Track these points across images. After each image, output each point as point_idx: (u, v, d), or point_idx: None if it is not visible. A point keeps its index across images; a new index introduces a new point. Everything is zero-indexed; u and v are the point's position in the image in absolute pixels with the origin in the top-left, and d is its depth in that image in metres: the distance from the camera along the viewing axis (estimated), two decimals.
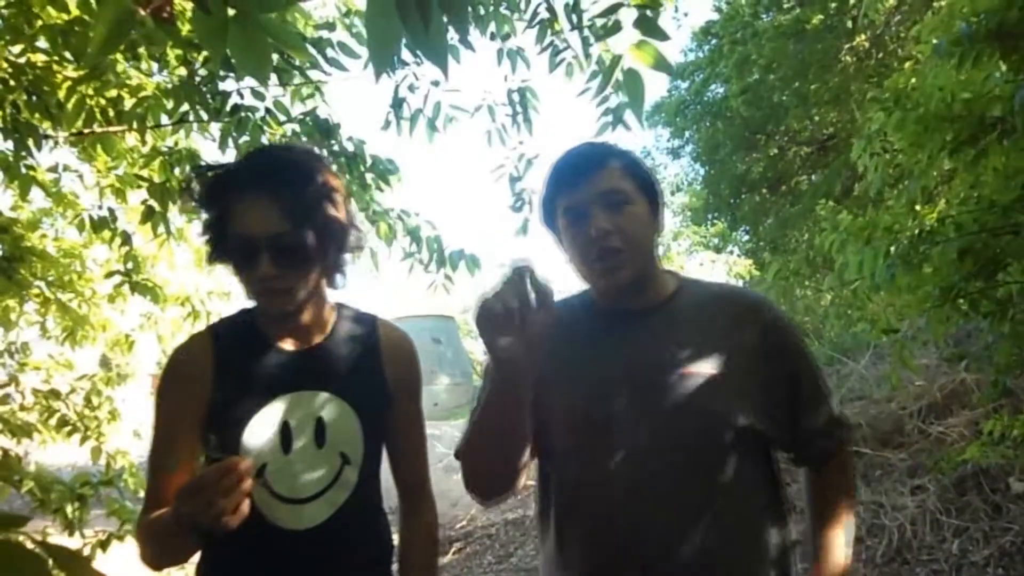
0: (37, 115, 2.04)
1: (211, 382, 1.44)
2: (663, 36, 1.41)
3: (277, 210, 1.38)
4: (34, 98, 1.96)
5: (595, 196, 1.35)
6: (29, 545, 0.62)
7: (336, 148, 2.47)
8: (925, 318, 2.47)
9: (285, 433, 1.40)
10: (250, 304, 1.52)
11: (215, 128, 2.53)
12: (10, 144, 2.12)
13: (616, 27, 1.56)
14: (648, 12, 1.41)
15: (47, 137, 2.18)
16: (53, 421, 3.14)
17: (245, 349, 1.49)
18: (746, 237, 16.13)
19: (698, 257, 15.07)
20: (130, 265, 2.83)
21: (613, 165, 1.38)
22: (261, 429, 1.39)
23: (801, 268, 8.33)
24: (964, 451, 4.55)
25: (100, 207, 2.78)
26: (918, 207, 2.45)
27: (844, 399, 7.27)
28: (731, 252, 13.01)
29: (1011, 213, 2.04)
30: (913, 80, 2.68)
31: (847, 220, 2.58)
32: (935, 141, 2.28)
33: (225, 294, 3.88)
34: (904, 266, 2.16)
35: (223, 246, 1.44)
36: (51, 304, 3.11)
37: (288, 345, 1.50)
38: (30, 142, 2.00)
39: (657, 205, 1.43)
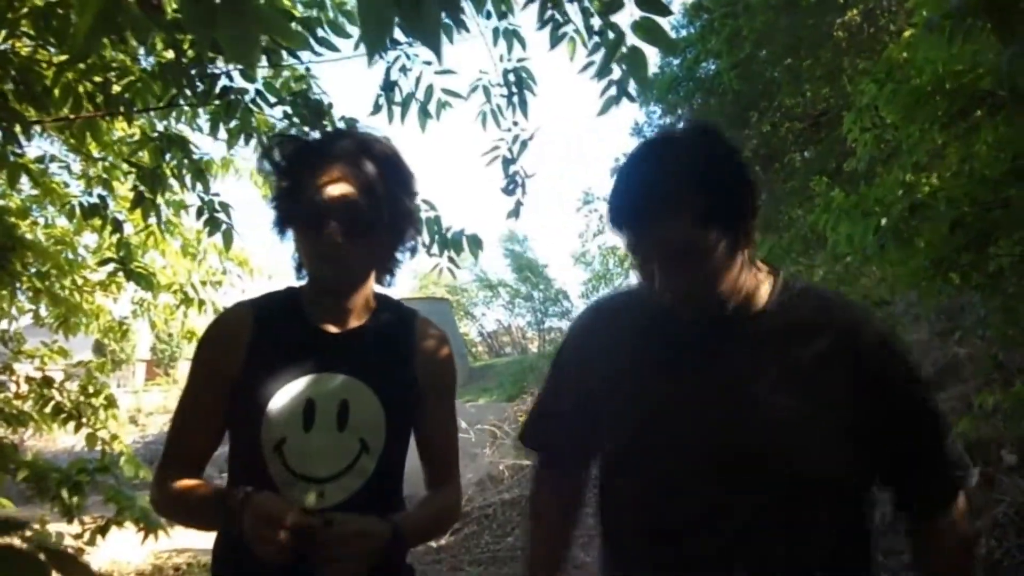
0: (24, 103, 2.02)
1: (245, 351, 1.46)
2: (665, 11, 1.39)
3: (354, 181, 1.42)
4: (21, 86, 1.95)
5: (661, 248, 1.15)
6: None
7: (328, 129, 2.45)
8: (916, 293, 2.46)
9: (308, 411, 1.41)
10: (295, 283, 1.56)
11: (203, 114, 2.52)
12: None
13: (618, 3, 1.55)
14: None
15: (37, 123, 2.16)
16: (48, 409, 3.14)
17: (283, 324, 1.50)
18: None
19: None
20: (123, 253, 2.82)
21: (686, 212, 1.12)
22: (285, 404, 1.40)
23: (794, 245, 8.34)
24: (956, 424, 4.59)
25: (90, 194, 2.77)
26: (909, 180, 2.44)
27: None
28: None
29: (1001, 187, 2.04)
30: (905, 54, 2.67)
31: (840, 197, 2.57)
32: (926, 114, 2.28)
33: (216, 282, 3.88)
34: (895, 239, 2.16)
35: (292, 214, 1.47)
36: (43, 293, 3.10)
37: (326, 326, 1.51)
38: (18, 130, 1.99)
39: (744, 220, 1.18)
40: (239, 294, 4.46)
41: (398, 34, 2.02)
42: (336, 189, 1.41)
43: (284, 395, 1.41)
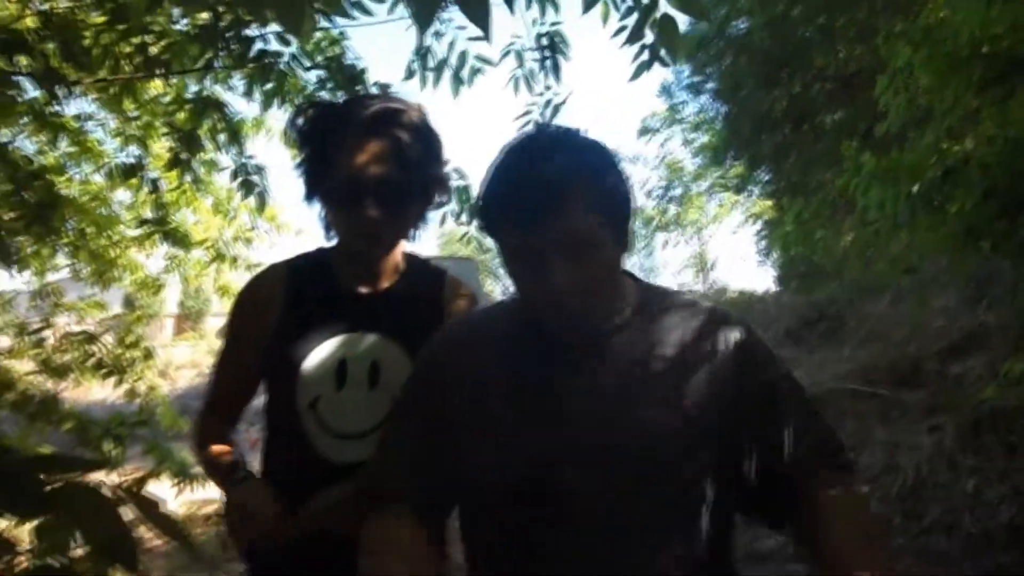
0: (65, 63, 2.06)
1: (279, 312, 1.51)
2: None
3: (388, 155, 1.43)
4: (62, 46, 1.99)
5: (553, 243, 1.07)
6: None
7: (362, 93, 2.47)
8: (946, 260, 2.45)
9: (341, 370, 1.47)
10: (326, 244, 1.60)
11: (238, 77, 2.54)
12: (33, 91, 2.15)
13: None
14: None
15: (76, 82, 2.20)
16: (90, 363, 3.24)
17: (316, 286, 1.54)
18: (767, 177, 15.95)
19: (717, 198, 14.93)
20: (159, 212, 2.89)
21: (578, 198, 1.06)
22: (319, 363, 1.46)
23: (822, 209, 8.27)
24: (982, 391, 4.57)
25: (126, 154, 2.83)
26: (942, 146, 2.42)
27: (863, 340, 7.29)
28: (750, 193, 12.87)
29: None
30: (942, 15, 2.63)
31: (870, 162, 2.56)
32: (961, 79, 2.25)
33: (247, 239, 3.95)
34: (927, 206, 2.15)
35: (322, 184, 1.49)
36: (82, 249, 3.18)
37: (358, 287, 1.55)
38: (58, 90, 2.04)
39: (627, 220, 1.14)
40: (268, 249, 4.54)
41: None
42: (371, 165, 1.42)
43: (317, 355, 1.47)
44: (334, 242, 1.59)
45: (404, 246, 1.61)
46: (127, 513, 0.68)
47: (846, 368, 6.75)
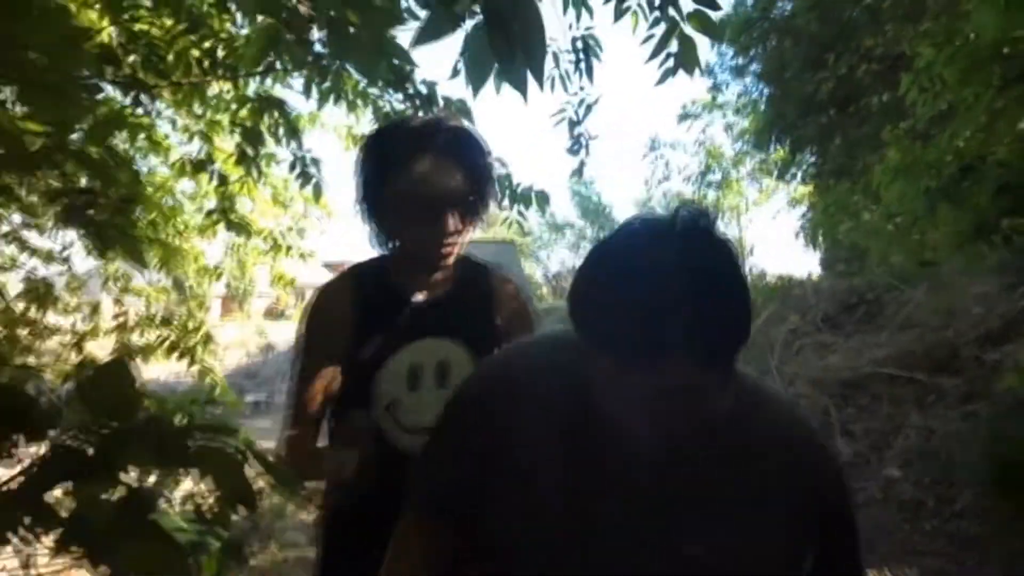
0: (147, 73, 2.28)
1: (350, 325, 1.64)
2: (716, 6, 1.55)
3: (461, 174, 1.57)
4: (146, 59, 2.20)
5: (677, 387, 0.92)
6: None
7: (410, 92, 2.65)
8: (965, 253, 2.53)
9: (413, 374, 1.61)
10: (379, 253, 1.72)
11: (296, 75, 2.74)
12: (118, 97, 2.38)
13: None
14: None
15: (154, 87, 2.42)
16: (166, 344, 3.49)
17: (381, 298, 1.66)
18: (810, 160, 15.80)
19: (758, 183, 14.84)
20: (225, 204, 3.13)
21: (737, 340, 0.92)
22: (392, 370, 1.60)
23: (862, 194, 8.22)
24: (1018, 378, 4.60)
25: (196, 150, 3.07)
26: (960, 144, 2.51)
27: (901, 326, 7.31)
28: (792, 177, 12.80)
29: None
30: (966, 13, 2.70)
31: (895, 156, 2.65)
32: (982, 78, 2.34)
33: (300, 229, 4.18)
34: (945, 200, 2.26)
35: (383, 204, 1.62)
36: (154, 242, 3.42)
37: (417, 296, 1.67)
38: (142, 97, 2.26)
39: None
40: (319, 236, 4.77)
41: None
42: (447, 183, 1.56)
43: (390, 363, 1.60)
44: (386, 252, 1.71)
45: None
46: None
47: (883, 353, 6.79)
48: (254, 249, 4.29)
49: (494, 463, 1.10)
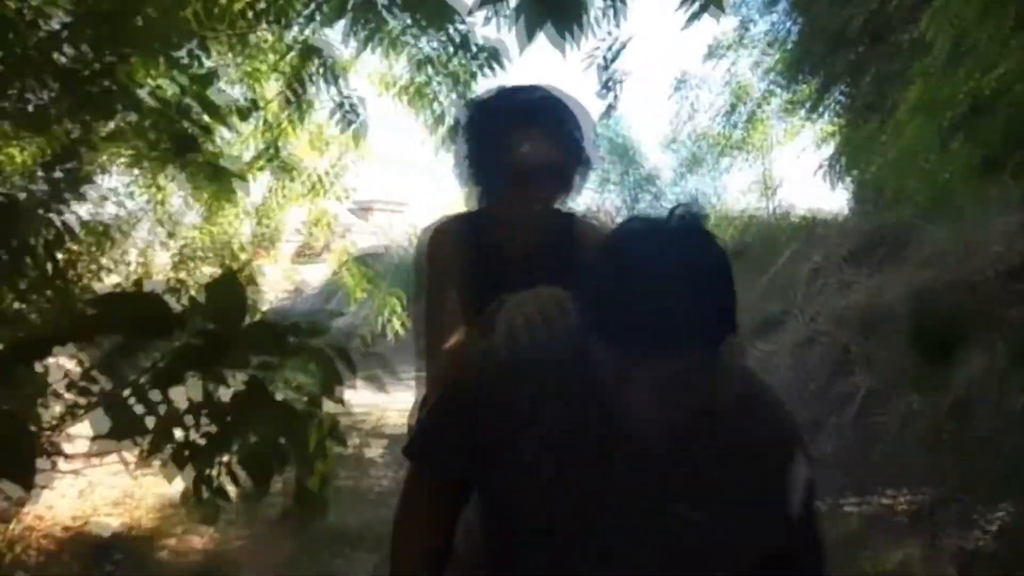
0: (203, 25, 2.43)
1: (462, 264, 1.79)
2: None
3: (551, 143, 1.67)
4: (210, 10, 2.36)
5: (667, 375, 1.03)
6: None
7: (445, 36, 2.77)
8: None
9: None
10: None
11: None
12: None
13: None
14: None
15: (204, 37, 2.57)
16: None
17: (484, 248, 1.79)
18: (840, 97, 15.57)
19: (786, 121, 14.67)
20: (272, 148, 3.30)
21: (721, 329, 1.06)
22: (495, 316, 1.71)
23: (891, 131, 8.18)
24: None
25: (241, 95, 3.22)
26: (973, 82, 2.59)
27: (924, 263, 7.37)
28: (821, 114, 12.66)
29: None
30: None
31: (916, 92, 2.74)
32: (999, 16, 2.42)
33: (338, 171, 4.35)
34: (959, 135, 2.36)
35: (486, 170, 1.72)
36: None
37: (516, 246, 1.80)
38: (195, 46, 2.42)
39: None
40: (355, 178, 4.93)
41: None
42: (536, 152, 1.64)
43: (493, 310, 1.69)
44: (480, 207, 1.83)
45: None
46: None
47: (904, 290, 6.88)
48: (292, 191, 4.46)
49: (498, 433, 1.17)
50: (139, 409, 1.02)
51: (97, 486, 5.52)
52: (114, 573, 3.85)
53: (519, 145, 1.64)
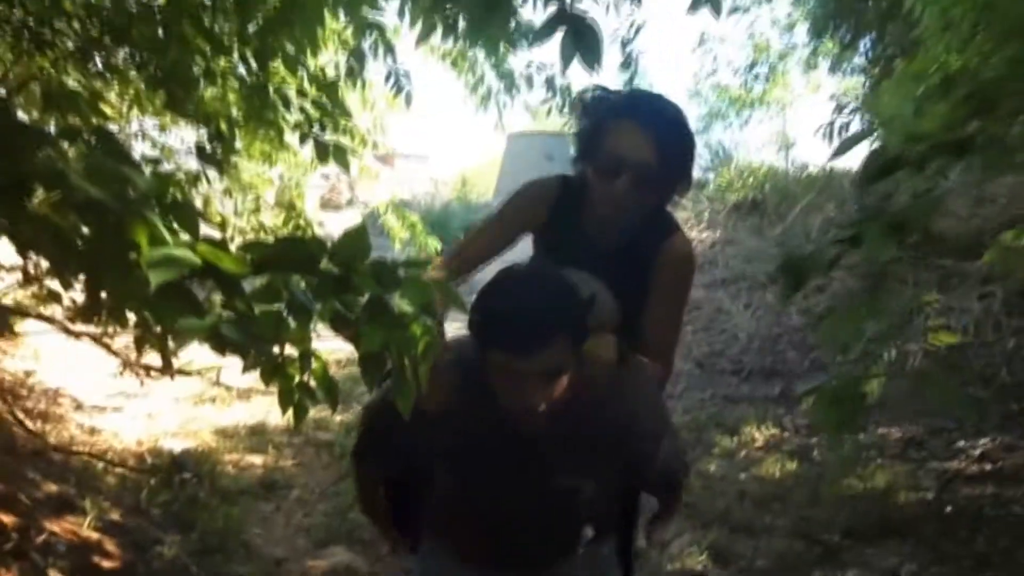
0: None
1: (542, 223, 1.89)
2: None
3: (651, 145, 1.69)
4: None
5: (535, 373, 1.42)
6: None
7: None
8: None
9: None
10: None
11: None
12: None
13: None
14: None
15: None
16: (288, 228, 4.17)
17: (568, 218, 1.85)
18: (863, 52, 15.52)
19: (808, 78, 14.76)
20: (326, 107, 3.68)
21: (559, 339, 1.40)
22: None
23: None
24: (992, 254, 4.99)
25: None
26: (944, 57, 2.90)
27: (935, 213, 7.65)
28: (843, 70, 12.75)
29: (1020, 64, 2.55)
30: None
31: (902, 65, 3.06)
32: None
33: (383, 129, 4.73)
34: (927, 106, 2.68)
35: (594, 157, 1.76)
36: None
37: (595, 231, 1.86)
38: None
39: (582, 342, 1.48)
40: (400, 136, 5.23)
41: None
42: (633, 149, 1.68)
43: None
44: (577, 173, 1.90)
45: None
46: None
47: (912, 239, 7.20)
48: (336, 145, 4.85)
49: (425, 431, 1.55)
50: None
51: (157, 415, 6.09)
52: (188, 481, 4.37)
53: (624, 141, 1.69)
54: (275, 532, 4.11)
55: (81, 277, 1.19)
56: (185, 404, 6.59)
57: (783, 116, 15.85)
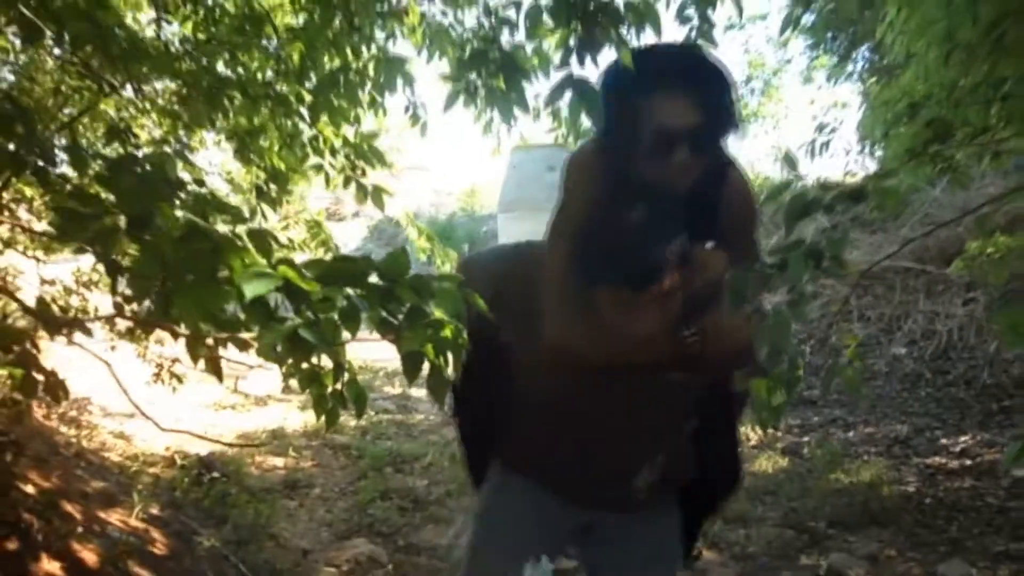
0: None
1: (598, 192, 1.68)
2: None
3: (698, 107, 1.55)
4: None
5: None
6: None
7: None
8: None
9: None
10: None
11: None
12: None
13: None
14: None
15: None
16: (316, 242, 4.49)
17: (620, 180, 1.65)
18: (861, 63, 15.81)
19: (801, 91, 15.06)
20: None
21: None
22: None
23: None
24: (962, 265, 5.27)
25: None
26: (908, 86, 3.19)
27: (920, 223, 7.98)
28: (837, 81, 13.06)
29: (977, 91, 2.86)
30: None
31: (875, 89, 3.36)
32: (935, 33, 3.05)
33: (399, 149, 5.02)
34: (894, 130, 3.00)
35: (641, 134, 1.57)
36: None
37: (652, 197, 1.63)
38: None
39: None
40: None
41: None
42: (683, 116, 1.54)
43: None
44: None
45: None
46: None
47: (902, 249, 7.51)
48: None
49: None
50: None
51: (181, 422, 6.40)
52: (217, 480, 4.68)
53: (670, 113, 1.55)
54: (300, 526, 4.42)
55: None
56: (207, 411, 6.90)
57: (776, 129, 16.19)
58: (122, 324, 4.02)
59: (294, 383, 1.67)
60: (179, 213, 1.58)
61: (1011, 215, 6.93)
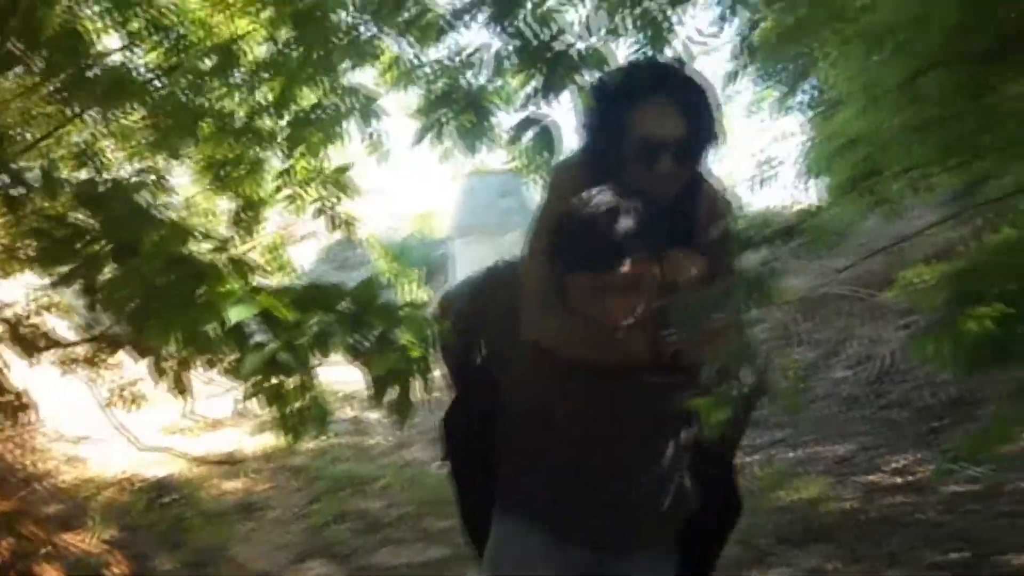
0: None
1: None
2: None
3: (680, 117, 1.60)
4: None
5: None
6: None
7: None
8: None
9: None
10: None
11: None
12: None
13: None
14: None
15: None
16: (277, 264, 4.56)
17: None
18: (806, 96, 16.33)
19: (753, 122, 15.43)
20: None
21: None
22: None
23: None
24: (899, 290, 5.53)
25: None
26: (845, 124, 3.41)
27: (860, 251, 8.27)
28: (786, 112, 13.41)
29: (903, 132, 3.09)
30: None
31: (819, 123, 3.56)
32: (872, 75, 3.26)
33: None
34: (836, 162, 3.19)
35: (626, 146, 1.62)
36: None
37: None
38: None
39: None
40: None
41: None
42: (666, 126, 1.60)
43: None
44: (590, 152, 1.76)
45: None
46: None
47: (841, 275, 7.80)
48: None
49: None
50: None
51: (132, 445, 6.34)
52: (173, 504, 4.68)
53: (654, 122, 1.61)
54: (256, 549, 4.43)
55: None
56: (158, 435, 6.83)
57: (721, 161, 16.55)
58: (80, 349, 4.03)
59: (248, 405, 1.75)
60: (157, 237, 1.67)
61: (939, 245, 7.24)
